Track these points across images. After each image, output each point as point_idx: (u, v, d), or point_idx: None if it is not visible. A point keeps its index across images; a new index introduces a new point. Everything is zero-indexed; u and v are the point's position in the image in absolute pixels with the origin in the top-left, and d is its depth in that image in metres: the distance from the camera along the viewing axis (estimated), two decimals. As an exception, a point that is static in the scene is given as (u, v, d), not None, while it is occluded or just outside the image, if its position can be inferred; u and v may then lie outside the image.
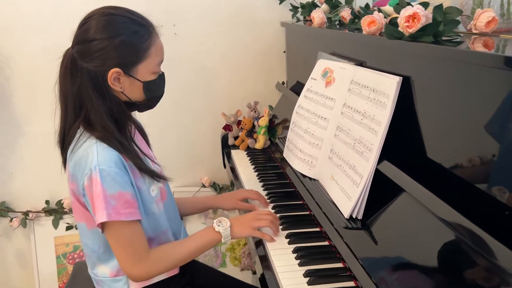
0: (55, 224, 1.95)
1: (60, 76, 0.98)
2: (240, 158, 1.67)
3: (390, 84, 0.93)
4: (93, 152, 0.94)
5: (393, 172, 0.91)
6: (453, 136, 0.83)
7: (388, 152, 0.95)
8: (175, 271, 1.10)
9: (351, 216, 0.99)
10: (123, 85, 0.98)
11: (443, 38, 0.86)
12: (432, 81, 0.87)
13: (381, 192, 0.96)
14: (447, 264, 0.76)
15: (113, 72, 0.95)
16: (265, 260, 1.06)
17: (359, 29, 1.21)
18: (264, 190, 1.38)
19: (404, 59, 0.95)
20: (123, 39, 0.95)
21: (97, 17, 0.96)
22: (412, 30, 0.85)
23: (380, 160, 0.96)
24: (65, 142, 1.02)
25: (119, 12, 0.97)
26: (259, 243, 1.12)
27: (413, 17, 0.84)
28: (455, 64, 0.80)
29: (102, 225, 0.95)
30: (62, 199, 1.96)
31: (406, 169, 0.89)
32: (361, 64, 1.14)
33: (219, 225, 1.07)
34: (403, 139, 0.96)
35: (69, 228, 1.96)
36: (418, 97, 0.91)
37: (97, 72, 0.95)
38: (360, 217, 0.98)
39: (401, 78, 0.92)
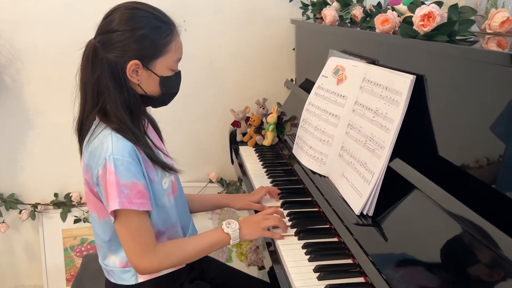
0: (63, 217, 1.97)
1: (81, 65, 1.01)
2: (248, 155, 1.68)
3: (404, 82, 0.93)
4: (108, 142, 0.95)
5: (405, 169, 0.92)
6: (466, 135, 0.84)
7: (400, 149, 0.96)
8: (183, 265, 1.11)
9: (361, 213, 1.00)
10: (141, 77, 1.00)
11: (457, 37, 0.87)
12: (446, 80, 0.88)
13: (391, 189, 0.97)
14: (459, 262, 0.76)
15: (132, 64, 0.97)
16: (274, 255, 1.07)
17: (371, 28, 1.22)
18: (273, 186, 1.39)
19: (417, 58, 0.96)
20: (145, 32, 0.97)
21: (122, 10, 0.98)
22: (427, 29, 0.85)
23: (391, 158, 0.96)
24: (82, 130, 1.04)
25: (143, 7, 1.00)
26: (269, 239, 1.13)
27: (428, 16, 0.85)
28: (469, 63, 0.81)
29: (114, 214, 0.96)
30: (70, 192, 1.97)
31: (418, 167, 0.90)
32: (373, 62, 1.14)
33: (228, 227, 1.07)
34: (415, 137, 0.97)
35: (77, 221, 1.97)
36: (431, 96, 0.92)
37: (117, 63, 0.97)
38: (370, 214, 0.99)
39: (415, 76, 0.92)
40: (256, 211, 1.25)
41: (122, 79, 0.98)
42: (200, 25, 1.86)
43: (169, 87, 1.04)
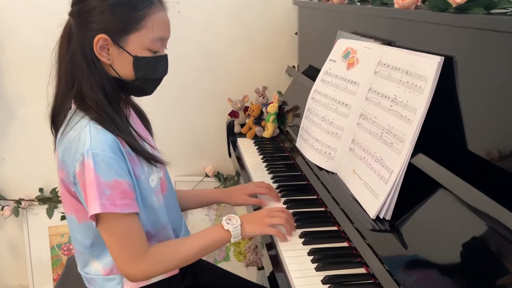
0: (50, 213, 1.87)
1: (59, 44, 0.91)
2: (247, 147, 1.57)
3: (429, 65, 0.80)
4: (86, 135, 0.84)
5: (430, 166, 0.79)
6: (504, 127, 0.71)
7: (423, 144, 0.83)
8: (175, 271, 1.01)
9: (377, 216, 0.88)
10: (112, 56, 0.89)
11: (495, 10, 0.73)
12: (481, 61, 0.74)
13: (412, 189, 0.84)
14: (494, 274, 0.65)
15: (99, 39, 0.86)
16: (276, 261, 0.95)
17: (385, 4, 1.09)
18: (274, 182, 1.27)
19: (445, 37, 0.83)
20: (117, 1, 0.85)
21: None
22: (460, 0, 0.72)
23: (413, 153, 0.83)
24: (56, 118, 0.93)
25: None
26: (269, 242, 1.01)
27: (462, -15, 0.71)
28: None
29: (96, 218, 0.86)
30: (56, 187, 1.87)
31: (445, 164, 0.77)
32: (389, 43, 1.01)
33: (228, 223, 0.96)
34: (442, 129, 0.84)
35: (64, 217, 1.86)
36: (462, 81, 0.78)
37: (86, 38, 0.87)
38: (388, 218, 0.87)
39: (443, 58, 0.79)
40: (255, 208, 1.13)
41: (90, 58, 0.87)
42: (195, 7, 1.74)
43: (146, 71, 0.91)
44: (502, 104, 0.71)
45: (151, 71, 0.92)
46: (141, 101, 1.08)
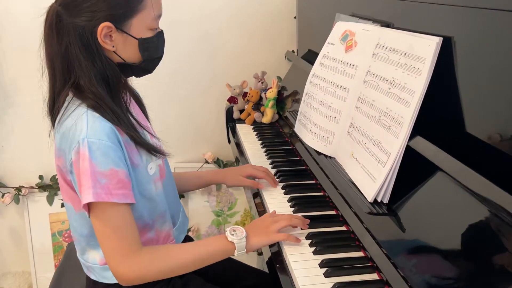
0: (50, 201, 1.86)
1: (45, 36, 0.87)
2: (246, 133, 1.56)
3: (428, 46, 0.79)
4: (82, 123, 0.82)
5: (428, 149, 0.78)
6: (502, 108, 0.70)
7: (421, 127, 0.82)
8: (174, 275, 0.95)
9: (375, 200, 0.87)
10: (116, 43, 0.87)
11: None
12: (481, 42, 0.73)
13: (411, 172, 0.84)
14: (493, 258, 0.64)
15: (103, 27, 0.84)
16: (274, 246, 0.95)
17: (385, -14, 1.06)
18: (273, 168, 1.27)
19: (445, 16, 0.81)
20: None
21: None
22: (459, -22, 0.71)
23: (411, 136, 0.83)
24: (54, 110, 0.91)
25: None
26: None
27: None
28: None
29: (89, 207, 0.83)
30: (56, 174, 1.84)
31: (443, 147, 0.77)
32: (387, 25, 1.00)
33: (232, 234, 0.91)
34: (440, 111, 0.83)
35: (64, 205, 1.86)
36: (461, 62, 0.77)
37: (85, 28, 0.83)
38: (386, 201, 0.86)
39: (441, 38, 0.78)
40: (254, 203, 1.12)
41: (93, 47, 0.84)
42: (192, -10, 1.71)
43: (151, 51, 0.90)
44: (502, 86, 0.70)
45: (155, 50, 0.91)
46: (139, 88, 1.06)
